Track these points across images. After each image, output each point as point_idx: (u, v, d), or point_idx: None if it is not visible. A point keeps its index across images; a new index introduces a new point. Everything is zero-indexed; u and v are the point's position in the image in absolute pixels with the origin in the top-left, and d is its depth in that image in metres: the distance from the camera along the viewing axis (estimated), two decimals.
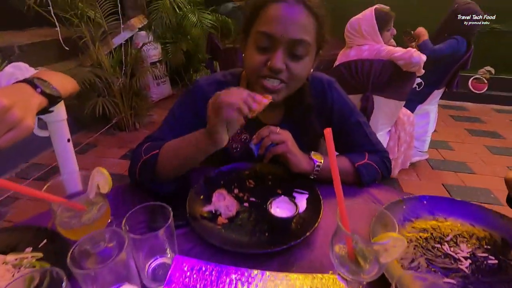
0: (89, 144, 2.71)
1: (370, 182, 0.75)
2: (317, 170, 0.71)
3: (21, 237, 0.55)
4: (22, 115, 0.45)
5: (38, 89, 0.51)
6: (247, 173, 0.76)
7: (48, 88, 0.53)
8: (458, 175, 2.35)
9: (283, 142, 0.68)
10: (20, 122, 0.45)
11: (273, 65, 0.65)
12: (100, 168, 0.48)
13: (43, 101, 0.51)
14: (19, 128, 0.45)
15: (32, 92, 0.50)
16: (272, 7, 0.66)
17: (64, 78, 0.61)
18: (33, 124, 0.46)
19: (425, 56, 1.60)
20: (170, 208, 0.46)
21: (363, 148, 0.80)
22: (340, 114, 0.82)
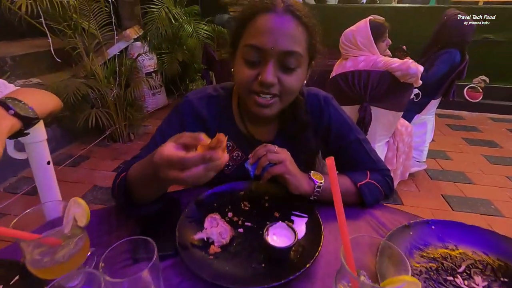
0: (81, 156, 2.64)
1: (373, 203, 0.71)
2: (317, 191, 0.67)
3: None
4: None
5: (11, 111, 0.47)
6: (242, 194, 0.71)
7: (22, 109, 0.48)
8: (457, 185, 2.32)
9: (282, 162, 0.64)
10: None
11: (264, 79, 0.61)
12: (77, 198, 0.43)
13: (15, 123, 0.47)
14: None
15: (4, 114, 0.46)
16: (260, 18, 0.62)
17: (44, 96, 0.57)
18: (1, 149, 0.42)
19: (422, 67, 1.59)
20: (154, 243, 0.41)
21: (364, 166, 0.76)
22: (338, 132, 0.78)
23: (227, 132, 0.76)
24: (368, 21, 1.72)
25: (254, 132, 0.79)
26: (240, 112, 0.78)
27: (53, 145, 2.70)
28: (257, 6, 0.64)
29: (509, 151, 2.87)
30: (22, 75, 2.87)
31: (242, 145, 0.79)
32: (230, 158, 0.79)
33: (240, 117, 0.79)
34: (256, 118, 0.77)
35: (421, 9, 4.29)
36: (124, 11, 3.91)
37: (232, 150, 0.79)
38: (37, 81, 2.84)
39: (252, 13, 0.64)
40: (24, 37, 3.14)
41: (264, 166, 0.63)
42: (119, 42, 2.99)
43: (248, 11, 0.65)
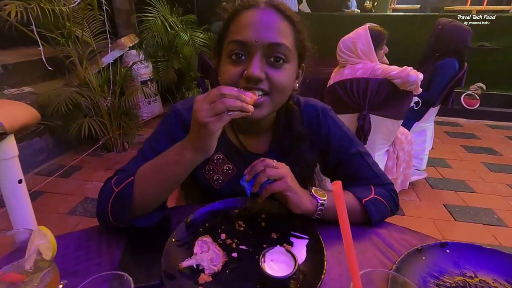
0: (73, 167, 2.57)
1: (380, 221, 0.65)
2: (320, 209, 0.61)
3: None
4: None
5: None
6: (237, 212, 0.66)
7: None
8: (459, 194, 2.27)
9: (282, 179, 0.58)
10: None
11: (251, 73, 0.56)
12: (41, 228, 0.38)
13: None
14: None
15: None
16: (242, 15, 0.59)
17: (17, 108, 0.51)
18: None
19: (422, 75, 1.56)
20: (129, 278, 0.35)
21: (366, 181, 0.71)
22: (338, 145, 0.73)
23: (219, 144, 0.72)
24: (368, 29, 1.69)
25: (246, 143, 0.74)
26: (231, 123, 0.73)
27: (45, 155, 2.62)
28: (239, 5, 0.61)
29: (508, 158, 2.84)
30: (15, 84, 2.82)
31: (234, 158, 0.73)
32: (220, 171, 0.74)
33: (231, 127, 0.74)
34: (248, 127, 0.73)
35: (416, 17, 4.33)
36: (120, 19, 3.90)
37: (222, 163, 0.73)
38: (29, 89, 2.79)
39: (234, 13, 0.61)
40: (16, 46, 3.10)
41: (263, 183, 0.58)
42: (113, 50, 2.95)
43: (229, 12, 0.62)
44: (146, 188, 0.58)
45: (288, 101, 0.72)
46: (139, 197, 0.57)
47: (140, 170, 0.59)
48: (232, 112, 0.48)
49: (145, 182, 0.58)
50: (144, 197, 0.58)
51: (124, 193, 0.57)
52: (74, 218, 1.92)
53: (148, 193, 0.58)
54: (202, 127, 0.49)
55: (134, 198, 0.57)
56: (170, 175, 0.57)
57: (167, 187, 0.59)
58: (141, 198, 0.58)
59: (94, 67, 2.79)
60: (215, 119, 0.48)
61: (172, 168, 0.57)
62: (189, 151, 0.54)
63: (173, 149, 0.57)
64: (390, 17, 4.81)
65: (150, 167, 0.59)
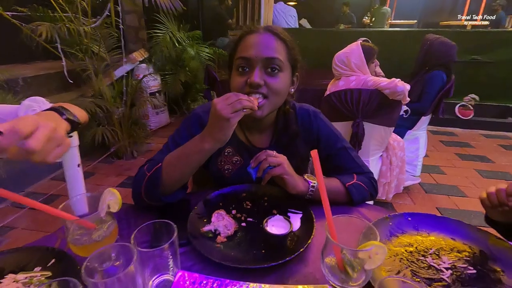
0: (87, 172, 2.73)
1: (360, 201, 0.80)
2: (311, 190, 0.76)
3: (30, 257, 0.58)
4: (62, 133, 0.53)
5: (64, 116, 0.58)
6: (244, 195, 0.81)
7: (71, 115, 0.60)
8: (451, 198, 2.39)
9: (280, 165, 0.73)
10: (64, 139, 0.53)
11: (252, 80, 0.73)
12: (111, 188, 0.53)
13: (67, 126, 0.58)
14: (64, 144, 0.53)
15: (60, 118, 0.58)
16: (246, 38, 0.78)
17: (79, 109, 0.68)
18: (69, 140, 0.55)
19: (409, 85, 1.72)
20: (174, 225, 0.50)
21: (350, 170, 0.86)
22: (326, 141, 0.89)
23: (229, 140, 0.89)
24: (360, 44, 1.88)
25: (251, 140, 0.90)
26: (239, 123, 0.90)
27: (60, 161, 2.78)
28: (244, 31, 0.81)
29: (501, 165, 2.96)
30: (33, 95, 3.00)
31: (241, 151, 0.90)
32: (230, 162, 0.90)
33: (239, 126, 0.90)
34: (253, 126, 0.89)
35: (410, 33, 4.55)
36: (129, 35, 4.15)
37: (232, 156, 0.90)
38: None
39: (240, 37, 0.80)
40: (35, 60, 3.33)
41: (265, 168, 0.73)
42: (125, 64, 3.17)
43: (237, 36, 0.82)
44: (172, 172, 0.73)
45: (285, 106, 0.88)
46: (166, 179, 0.72)
47: (167, 158, 0.75)
48: (246, 109, 0.65)
49: (171, 167, 0.73)
50: (170, 179, 0.73)
51: (155, 176, 0.72)
52: None
53: (173, 176, 0.73)
54: (225, 121, 0.64)
55: (162, 180, 0.72)
56: (191, 161, 0.72)
57: (187, 171, 0.74)
58: (168, 180, 0.73)
59: (107, 79, 3.00)
60: (235, 115, 0.64)
61: (192, 156, 0.71)
62: (208, 142, 0.69)
63: (193, 141, 0.72)
64: (386, 32, 5.05)
65: (174, 155, 0.74)
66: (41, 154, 0.48)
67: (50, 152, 0.49)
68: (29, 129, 0.45)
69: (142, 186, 0.74)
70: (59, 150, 0.51)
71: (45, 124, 0.48)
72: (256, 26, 0.81)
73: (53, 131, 0.49)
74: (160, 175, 0.72)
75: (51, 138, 0.49)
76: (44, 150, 0.48)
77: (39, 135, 0.46)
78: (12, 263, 0.57)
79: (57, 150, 0.51)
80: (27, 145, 0.45)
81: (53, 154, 0.50)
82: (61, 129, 0.54)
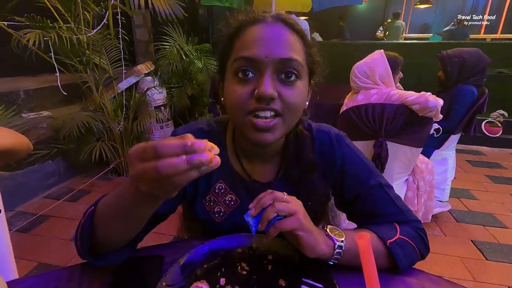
0: (82, 191, 2.55)
1: (408, 266, 0.55)
2: (338, 252, 0.52)
3: None
4: None
5: None
6: (239, 252, 0.57)
7: None
8: (488, 229, 2.08)
9: (293, 215, 0.49)
10: None
11: (263, 92, 0.50)
12: None
13: None
14: None
15: None
16: (248, 30, 0.54)
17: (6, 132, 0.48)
18: None
19: (442, 100, 1.48)
20: None
21: (390, 217, 0.62)
22: (355, 176, 0.65)
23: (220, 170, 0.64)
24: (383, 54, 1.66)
25: (251, 171, 0.66)
26: (235, 149, 0.67)
27: (55, 178, 2.63)
28: (244, 20, 0.56)
29: None
30: (34, 108, 2.92)
31: (237, 187, 0.66)
32: (222, 203, 0.66)
33: (235, 154, 0.67)
34: (253, 153, 0.66)
35: (429, 45, 4.32)
36: (139, 48, 4.09)
37: (224, 194, 0.66)
38: (47, 113, 2.88)
39: (239, 28, 0.56)
40: (39, 73, 3.26)
41: (271, 219, 0.49)
42: (129, 76, 3.04)
43: (234, 27, 0.56)
44: (106, 223, 0.49)
45: (298, 126, 0.65)
46: (99, 232, 0.49)
47: (100, 203, 0.50)
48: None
49: (103, 217, 0.49)
50: (104, 232, 0.49)
51: (84, 225, 0.50)
52: None
53: (108, 228, 0.49)
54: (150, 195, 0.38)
55: (94, 232, 0.49)
56: (127, 213, 0.46)
57: (126, 225, 0.49)
58: (101, 233, 0.49)
59: (111, 92, 2.87)
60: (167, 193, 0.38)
61: (132, 207, 0.44)
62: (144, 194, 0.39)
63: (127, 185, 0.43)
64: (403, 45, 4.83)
65: (108, 201, 0.50)
66: None
67: None
68: None
69: (78, 238, 0.51)
70: None
71: None
72: (262, 12, 0.56)
73: None
74: (90, 227, 0.49)
75: None
76: None
77: None
78: None
79: None
80: None
81: None
82: None
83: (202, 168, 0.35)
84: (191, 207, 0.68)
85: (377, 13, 8.52)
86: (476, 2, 8.09)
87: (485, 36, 7.59)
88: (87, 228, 0.49)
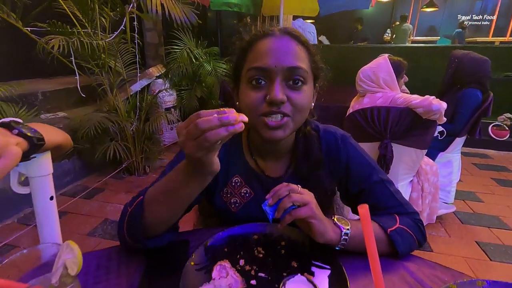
0: (96, 189, 2.65)
1: (407, 252, 0.62)
2: (344, 239, 0.59)
3: None
4: (3, 143, 0.41)
5: (15, 130, 0.46)
6: (256, 238, 0.65)
7: (27, 130, 0.47)
8: (493, 231, 2.10)
9: (306, 205, 0.56)
10: (5, 147, 0.41)
11: (274, 97, 0.58)
12: (70, 242, 0.39)
13: (21, 141, 0.45)
14: (7, 154, 0.40)
15: (7, 133, 0.45)
16: (259, 43, 0.63)
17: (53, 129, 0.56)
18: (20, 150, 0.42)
19: (445, 104, 1.53)
20: None
21: (390, 210, 0.68)
22: (358, 173, 0.72)
23: (236, 166, 0.73)
24: (388, 59, 1.72)
25: (264, 167, 0.74)
26: (249, 147, 0.75)
27: (71, 176, 2.74)
28: (255, 34, 0.65)
29: None
30: (51, 109, 3.05)
31: (252, 181, 0.74)
32: (238, 195, 0.74)
33: (249, 152, 0.75)
34: (266, 151, 0.74)
35: (436, 49, 4.34)
36: (149, 51, 4.21)
37: (240, 187, 0.74)
38: (63, 114, 3.00)
39: (250, 42, 0.65)
40: (56, 75, 3.40)
41: (286, 208, 0.56)
42: (142, 79, 3.15)
43: (246, 41, 0.66)
44: (155, 209, 0.57)
45: (306, 127, 0.73)
46: (149, 217, 0.57)
47: (150, 191, 0.59)
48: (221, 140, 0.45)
49: (153, 201, 0.57)
50: (154, 217, 0.57)
51: (135, 212, 0.58)
52: (94, 240, 1.94)
53: (157, 213, 0.58)
54: (196, 160, 0.47)
55: (144, 217, 0.57)
56: (178, 196, 0.56)
57: (175, 208, 0.58)
58: (151, 218, 0.57)
59: (123, 94, 2.98)
60: (205, 152, 0.46)
61: (178, 190, 0.55)
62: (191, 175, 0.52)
63: (177, 171, 0.55)
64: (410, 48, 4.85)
65: (157, 187, 0.59)
66: None
67: None
68: None
69: (124, 225, 0.59)
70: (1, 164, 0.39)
71: None
72: (270, 27, 0.65)
73: None
74: (141, 212, 0.57)
75: None
76: None
77: None
78: None
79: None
80: None
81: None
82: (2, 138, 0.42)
83: (229, 128, 0.43)
84: (211, 199, 0.75)
85: (385, 16, 8.54)
86: (485, 5, 8.06)
87: (494, 39, 7.55)
88: (138, 215, 0.57)
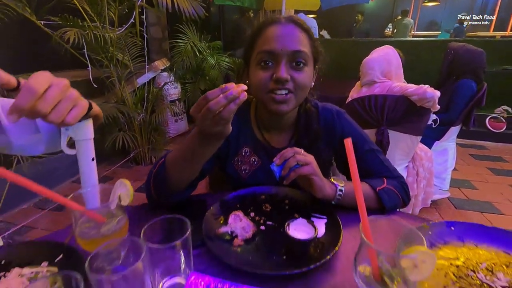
0: (105, 177, 2.77)
1: (392, 208, 0.72)
2: (339, 194, 0.69)
3: (38, 251, 0.55)
4: (78, 94, 0.49)
5: None
6: (263, 198, 0.75)
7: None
8: (485, 215, 2.21)
9: (309, 164, 0.67)
10: (79, 100, 0.49)
11: (279, 76, 0.69)
12: (123, 179, 0.49)
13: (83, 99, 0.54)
14: (80, 105, 0.49)
15: None
16: (268, 30, 0.73)
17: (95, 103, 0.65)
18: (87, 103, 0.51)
19: (439, 92, 1.62)
20: (188, 221, 0.45)
21: (380, 174, 0.79)
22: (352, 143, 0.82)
23: (246, 138, 0.84)
24: None
25: (269, 139, 0.85)
26: (257, 122, 0.86)
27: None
28: (263, 22, 0.76)
29: None
30: None
31: (259, 151, 0.85)
32: (248, 163, 0.85)
33: (257, 125, 0.86)
34: (272, 125, 0.84)
35: (435, 43, 4.41)
36: (153, 46, 4.29)
37: (249, 156, 0.85)
38: None
39: (260, 28, 0.75)
40: (64, 69, 3.49)
41: (292, 166, 0.66)
42: (148, 72, 3.25)
43: (256, 28, 0.77)
44: (176, 168, 0.69)
45: (307, 104, 0.83)
46: (171, 175, 0.69)
47: (170, 154, 0.71)
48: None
49: (174, 163, 0.69)
50: (175, 175, 0.69)
51: (159, 171, 0.70)
52: None
53: (178, 172, 0.69)
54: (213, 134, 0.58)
55: (167, 175, 0.68)
56: (194, 156, 0.65)
57: (192, 166, 0.68)
58: (173, 176, 0.69)
59: (130, 86, 3.08)
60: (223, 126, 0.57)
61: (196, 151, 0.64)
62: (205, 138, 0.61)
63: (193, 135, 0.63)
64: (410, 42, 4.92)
65: (176, 150, 0.70)
66: (55, 115, 0.45)
67: (64, 113, 0.46)
68: (41, 87, 0.43)
69: (151, 183, 0.71)
70: (75, 112, 0.48)
71: (58, 82, 0.45)
72: (277, 16, 0.76)
73: (65, 90, 0.46)
74: (164, 171, 0.69)
75: (64, 98, 0.46)
76: (58, 111, 0.45)
77: (48, 96, 0.44)
78: (20, 256, 0.54)
79: (73, 111, 0.48)
80: (36, 107, 0.43)
81: (70, 115, 0.47)
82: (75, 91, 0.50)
83: (237, 101, 0.52)
84: (223, 167, 0.86)
85: (386, 11, 8.57)
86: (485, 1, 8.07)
87: (495, 33, 7.58)
88: (162, 174, 0.68)
